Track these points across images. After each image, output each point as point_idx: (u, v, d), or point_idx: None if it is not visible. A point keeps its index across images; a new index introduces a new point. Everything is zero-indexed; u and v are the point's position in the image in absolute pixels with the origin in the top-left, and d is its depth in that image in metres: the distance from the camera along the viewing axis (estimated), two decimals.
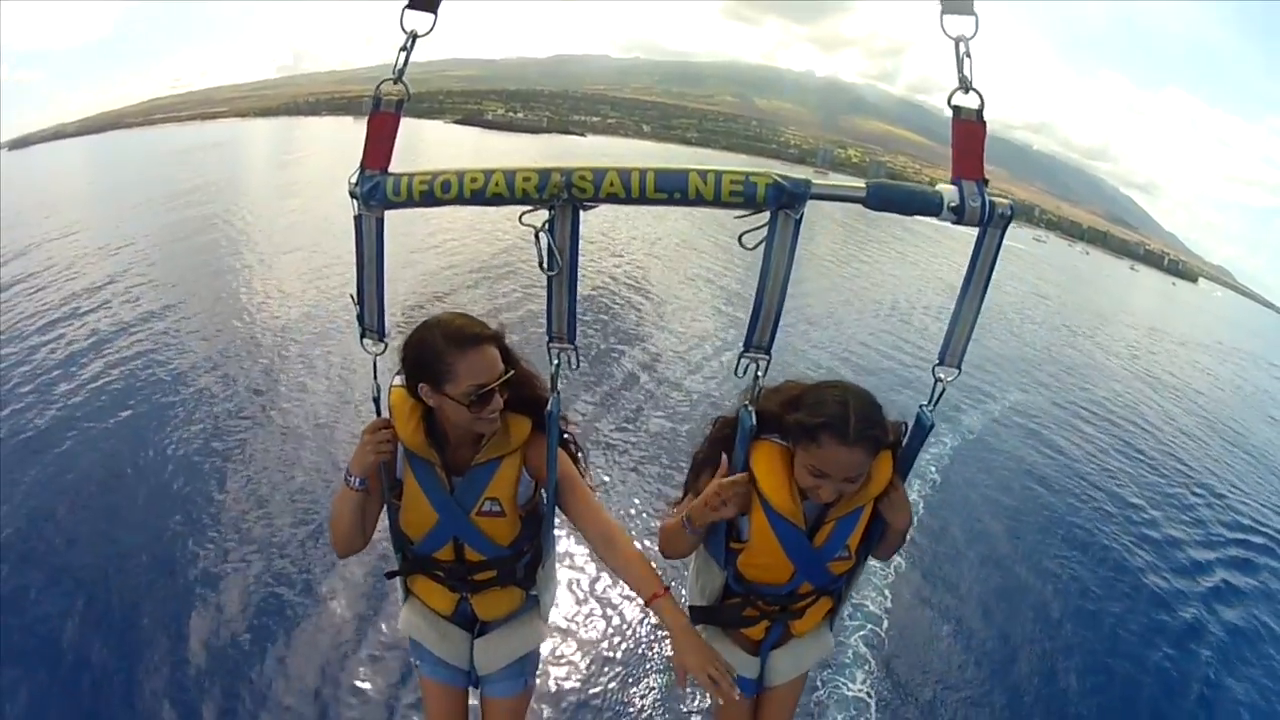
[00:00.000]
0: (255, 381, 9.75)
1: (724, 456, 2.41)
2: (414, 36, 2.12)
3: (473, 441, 2.43)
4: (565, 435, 2.57)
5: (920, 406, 2.32)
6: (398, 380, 2.41)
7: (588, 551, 6.01)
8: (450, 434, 2.43)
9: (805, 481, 2.31)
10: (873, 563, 2.72)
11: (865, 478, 2.35)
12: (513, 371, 2.33)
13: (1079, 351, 22.59)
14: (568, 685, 5.06)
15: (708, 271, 20.99)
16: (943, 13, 1.99)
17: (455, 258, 16.80)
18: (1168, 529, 9.72)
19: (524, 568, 2.67)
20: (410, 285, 13.81)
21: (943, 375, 2.24)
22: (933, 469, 9.99)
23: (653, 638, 5.64)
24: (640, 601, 2.47)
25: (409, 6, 2.08)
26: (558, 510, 2.59)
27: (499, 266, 15.81)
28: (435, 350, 2.25)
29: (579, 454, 2.66)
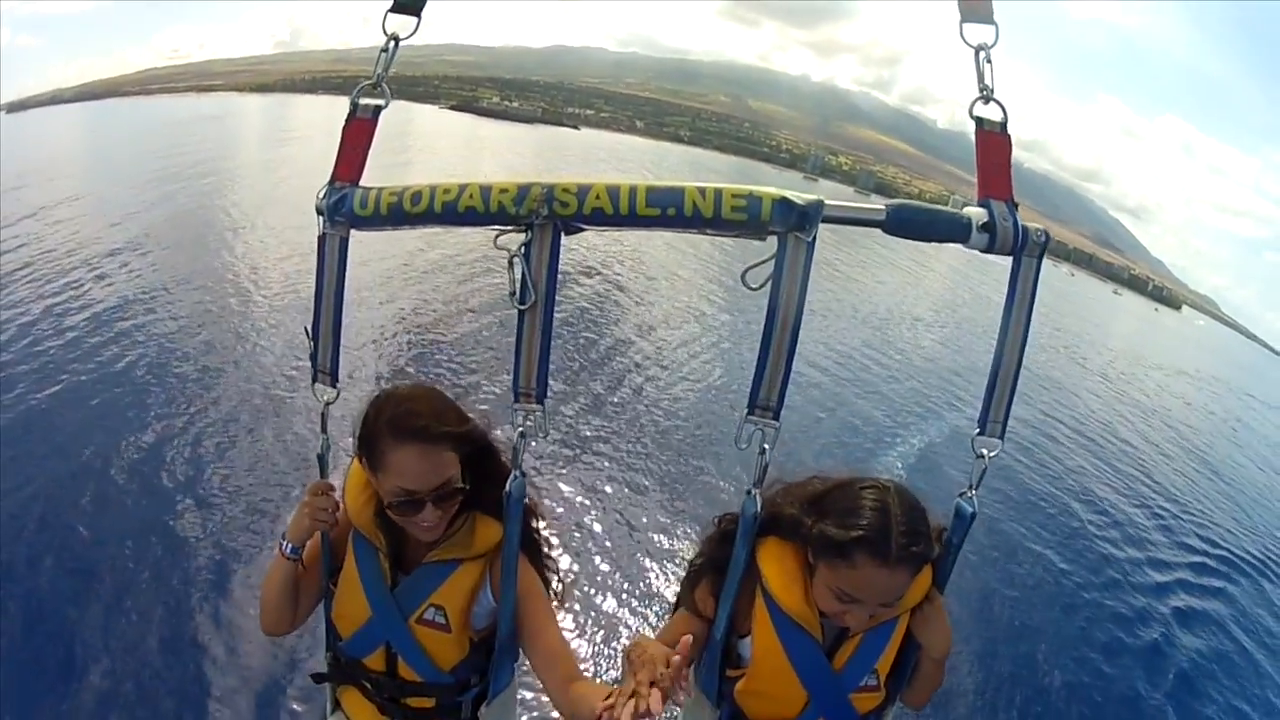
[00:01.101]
0: (255, 357, 9.50)
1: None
2: (395, 40, 1.94)
3: (438, 539, 2.03)
4: (535, 536, 2.15)
5: (959, 496, 1.88)
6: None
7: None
8: None
9: (829, 606, 1.86)
10: None
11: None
12: (462, 487, 1.94)
13: (1048, 370, 22.70)
14: None
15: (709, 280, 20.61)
16: (962, 21, 1.78)
17: (440, 280, 16.00)
18: (1129, 548, 9.76)
19: (470, 704, 2.19)
20: (391, 313, 12.99)
21: (985, 450, 1.84)
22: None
23: None
24: None
25: (392, 10, 1.92)
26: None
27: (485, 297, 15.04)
28: (377, 430, 1.90)
29: (547, 559, 2.20)
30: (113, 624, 5.12)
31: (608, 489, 7.82)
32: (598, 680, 2.19)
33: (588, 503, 7.44)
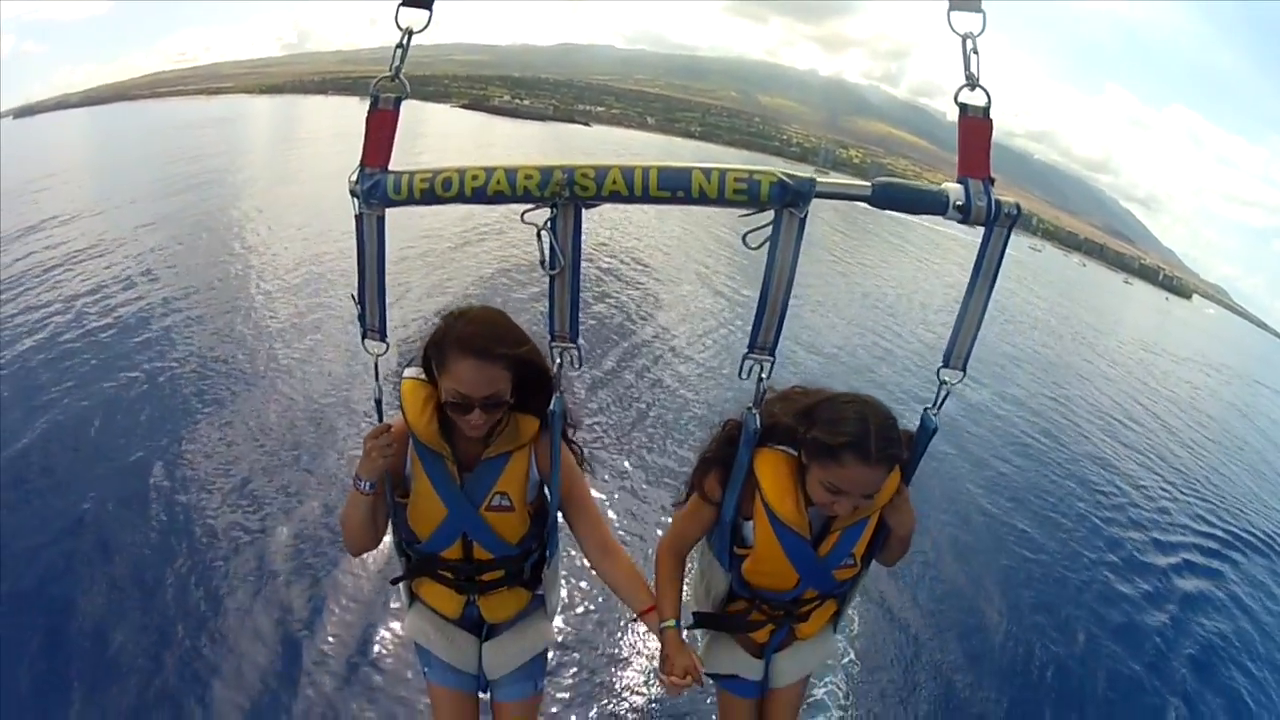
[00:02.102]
0: (265, 354, 9.57)
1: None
2: (409, 33, 2.10)
3: (482, 437, 2.36)
4: (570, 437, 2.53)
5: (924, 410, 2.28)
6: (409, 372, 2.39)
7: None
8: (459, 428, 2.35)
9: (820, 497, 2.26)
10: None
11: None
12: (508, 401, 2.27)
13: (1049, 352, 22.69)
14: (575, 687, 4.91)
15: (715, 266, 20.78)
16: (950, 9, 1.97)
17: (465, 251, 16.61)
18: (1133, 531, 9.75)
19: (530, 567, 2.61)
20: (421, 281, 13.61)
21: (947, 377, 2.21)
22: None
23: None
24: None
25: (404, 4, 2.06)
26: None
27: (509, 263, 15.60)
28: (446, 341, 2.21)
29: (584, 456, 2.60)
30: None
31: (612, 449, 8.24)
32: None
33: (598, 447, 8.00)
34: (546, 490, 2.49)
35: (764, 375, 2.15)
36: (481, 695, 2.83)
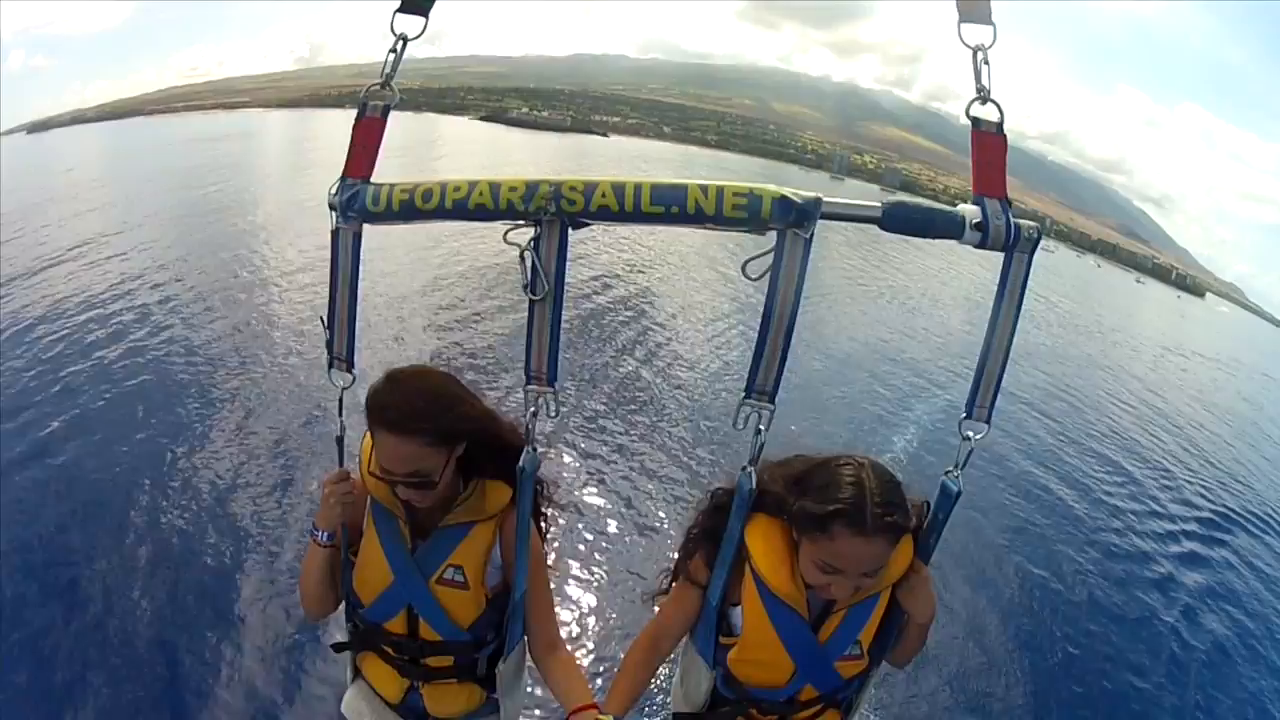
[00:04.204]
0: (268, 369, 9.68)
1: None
2: (404, 40, 2.01)
3: (443, 503, 2.20)
4: (541, 508, 2.36)
5: (945, 473, 2.00)
6: None
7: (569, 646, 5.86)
8: None
9: (814, 579, 1.99)
10: None
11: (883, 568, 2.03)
12: (434, 481, 2.07)
13: (1055, 349, 22.68)
14: None
15: (716, 279, 20.66)
16: (960, 21, 1.84)
17: (447, 272, 16.52)
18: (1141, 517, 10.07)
19: (485, 661, 2.36)
20: (413, 303, 13.57)
21: (970, 432, 1.95)
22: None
23: None
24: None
25: (400, 10, 1.99)
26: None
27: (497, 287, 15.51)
28: (369, 408, 2.07)
29: (547, 528, 2.44)
30: (124, 609, 5.35)
31: (608, 468, 8.19)
32: (571, 645, 2.48)
33: (587, 479, 7.91)
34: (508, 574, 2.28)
35: (762, 426, 1.91)
36: None
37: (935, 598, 2.10)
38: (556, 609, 2.50)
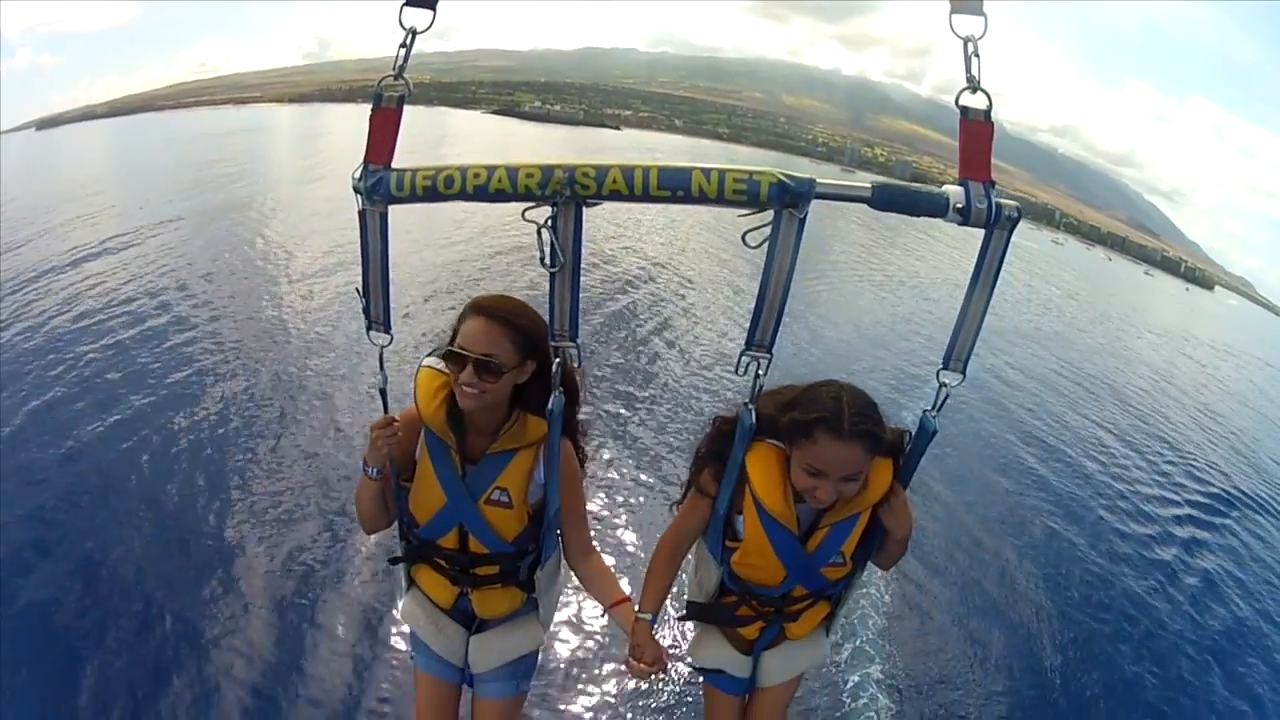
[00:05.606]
0: (276, 362, 9.53)
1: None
2: (413, 33, 2.11)
3: (490, 431, 2.45)
4: (577, 440, 2.64)
5: (924, 411, 2.27)
6: (427, 361, 2.49)
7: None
8: (468, 420, 2.45)
9: (802, 483, 2.28)
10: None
11: (864, 482, 2.33)
12: (501, 367, 2.30)
13: (1057, 333, 22.98)
14: (563, 692, 4.90)
15: (718, 266, 20.79)
16: (951, 12, 1.96)
17: (470, 248, 16.92)
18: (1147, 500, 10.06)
19: (526, 568, 2.66)
20: (428, 276, 13.94)
21: (947, 379, 2.19)
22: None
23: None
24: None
25: (407, 3, 2.08)
26: None
27: (510, 260, 15.94)
28: (466, 309, 2.37)
29: (583, 459, 2.69)
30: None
31: (628, 410, 8.93)
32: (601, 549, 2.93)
33: (611, 419, 8.70)
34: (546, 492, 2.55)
35: (760, 372, 2.17)
36: (468, 688, 2.89)
37: (911, 517, 2.42)
38: (590, 519, 2.85)
